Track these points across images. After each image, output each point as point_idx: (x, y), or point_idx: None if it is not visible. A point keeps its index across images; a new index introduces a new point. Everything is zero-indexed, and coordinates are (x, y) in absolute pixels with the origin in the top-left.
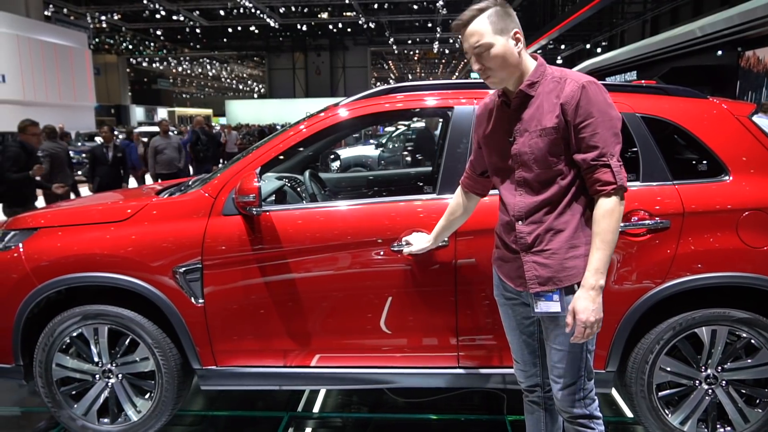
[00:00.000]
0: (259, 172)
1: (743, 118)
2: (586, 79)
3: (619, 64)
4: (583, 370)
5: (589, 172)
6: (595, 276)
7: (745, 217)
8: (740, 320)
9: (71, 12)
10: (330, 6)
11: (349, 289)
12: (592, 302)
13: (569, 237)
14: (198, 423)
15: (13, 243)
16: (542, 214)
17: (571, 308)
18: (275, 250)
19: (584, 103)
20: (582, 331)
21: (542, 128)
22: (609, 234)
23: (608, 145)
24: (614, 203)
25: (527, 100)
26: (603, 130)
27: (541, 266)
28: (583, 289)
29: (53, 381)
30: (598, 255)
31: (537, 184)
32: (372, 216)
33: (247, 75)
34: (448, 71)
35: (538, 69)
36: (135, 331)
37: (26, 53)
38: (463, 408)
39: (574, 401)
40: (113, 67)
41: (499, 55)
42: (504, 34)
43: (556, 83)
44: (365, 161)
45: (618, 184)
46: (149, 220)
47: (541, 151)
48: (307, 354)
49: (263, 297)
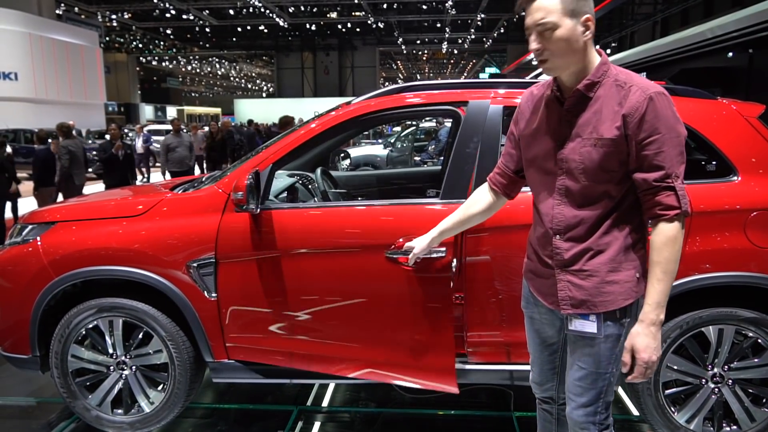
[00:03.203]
0: (271, 169)
1: (752, 118)
2: (655, 89)
3: (629, 65)
4: (603, 394)
5: (649, 194)
6: (656, 311)
7: (753, 217)
8: (747, 320)
9: (82, 11)
10: (339, 6)
11: (343, 291)
12: (653, 339)
13: (611, 259)
14: (209, 416)
15: (31, 236)
16: (584, 231)
17: (629, 346)
18: (272, 247)
19: (651, 116)
20: (643, 371)
21: (599, 138)
22: (671, 264)
23: (674, 165)
24: (677, 230)
25: (585, 102)
26: (669, 149)
27: (576, 287)
28: (642, 324)
29: (69, 372)
30: (659, 287)
31: (581, 197)
32: (372, 218)
33: (255, 74)
34: (456, 71)
35: (600, 68)
36: (149, 323)
37: (38, 51)
38: (470, 404)
39: (586, 422)
40: (123, 66)
41: (563, 38)
42: (574, 16)
43: (619, 88)
44: (374, 160)
45: (683, 209)
46: (164, 215)
47: (593, 162)
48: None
49: (269, 292)
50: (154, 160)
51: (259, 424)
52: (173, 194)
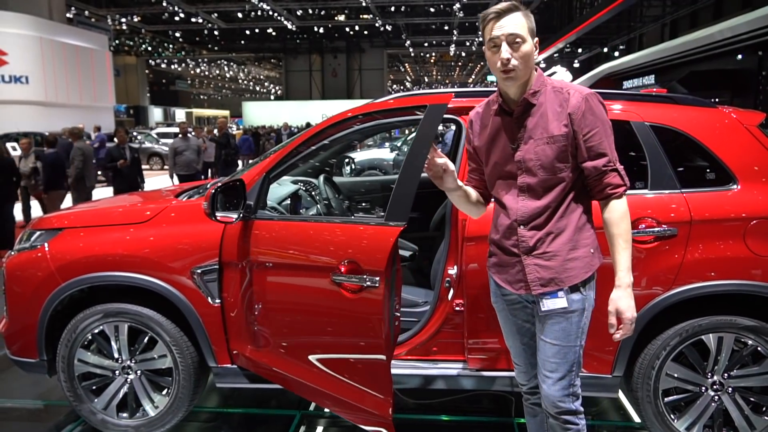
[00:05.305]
0: (263, 178)
1: (752, 127)
2: (588, 91)
3: (637, 67)
4: (574, 365)
5: (599, 178)
6: (628, 274)
7: (753, 226)
8: (747, 328)
9: (92, 14)
10: (347, 9)
11: (294, 307)
12: (631, 299)
13: (569, 239)
14: (213, 420)
15: (39, 242)
16: (544, 219)
17: (613, 309)
18: (246, 257)
19: (589, 113)
20: (629, 328)
21: (550, 136)
22: (629, 234)
23: (612, 151)
24: (625, 204)
25: (530, 109)
26: (606, 138)
27: (542, 268)
28: (620, 289)
29: (75, 376)
30: (626, 254)
31: (540, 189)
32: (323, 236)
33: (264, 77)
34: (464, 74)
35: (539, 79)
36: (154, 329)
37: (49, 55)
38: (472, 410)
39: (563, 395)
40: (132, 69)
41: (528, 53)
42: (533, 36)
43: (557, 93)
44: (381, 164)
45: (627, 185)
46: (169, 222)
47: (548, 157)
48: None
49: (250, 302)
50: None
51: (263, 428)
52: (178, 201)
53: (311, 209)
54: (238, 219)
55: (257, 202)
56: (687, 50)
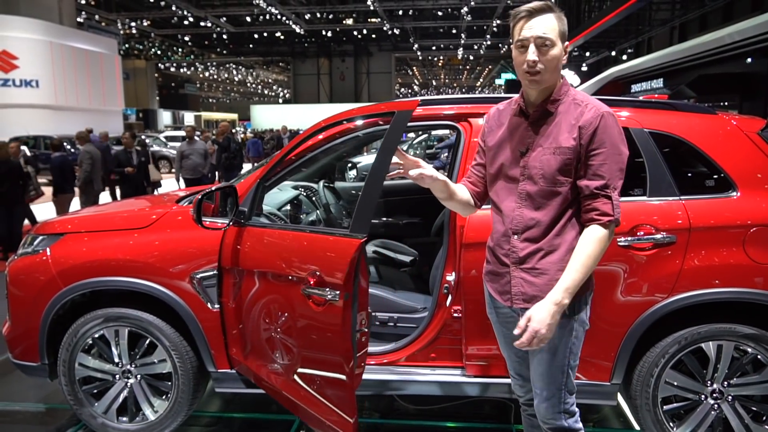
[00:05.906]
0: (257, 185)
1: (752, 134)
2: (606, 109)
3: (646, 71)
4: (563, 385)
5: (588, 199)
6: (563, 294)
7: (753, 233)
8: (746, 336)
9: (102, 18)
10: (355, 12)
11: (272, 318)
12: (550, 317)
13: (560, 259)
14: (213, 424)
15: (41, 247)
16: (539, 233)
17: (528, 313)
18: (237, 264)
19: (601, 131)
20: (530, 338)
21: (558, 147)
22: (591, 260)
23: (613, 178)
24: (606, 234)
25: (546, 116)
26: (611, 163)
27: (527, 283)
28: (546, 302)
29: (76, 380)
30: (573, 276)
31: (539, 199)
32: (298, 244)
33: (272, 80)
34: (472, 77)
35: (563, 88)
36: (153, 333)
37: (59, 59)
38: (472, 416)
39: (554, 413)
40: (142, 72)
41: (556, 58)
42: (563, 41)
43: (576, 106)
44: None
45: (615, 217)
46: (170, 227)
47: (551, 168)
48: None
49: (239, 309)
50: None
51: None
52: (179, 207)
53: (311, 215)
54: (229, 225)
55: (251, 208)
56: (696, 53)
